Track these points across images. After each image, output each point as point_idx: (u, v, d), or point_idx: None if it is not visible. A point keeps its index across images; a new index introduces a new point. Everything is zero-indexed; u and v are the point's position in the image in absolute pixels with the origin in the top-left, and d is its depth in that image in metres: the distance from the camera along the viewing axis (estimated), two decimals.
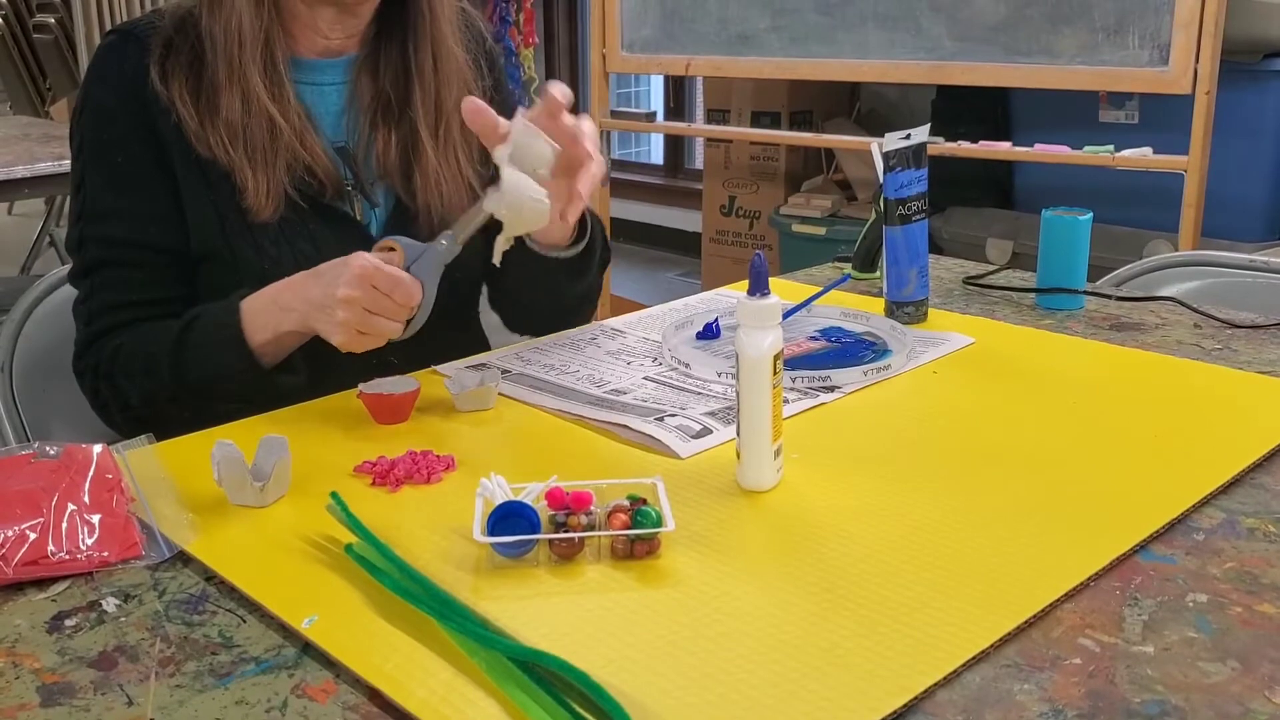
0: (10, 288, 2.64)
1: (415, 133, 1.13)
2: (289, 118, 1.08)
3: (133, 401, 1.07)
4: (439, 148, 1.14)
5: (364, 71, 1.15)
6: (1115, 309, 1.27)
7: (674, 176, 5.06)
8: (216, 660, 0.62)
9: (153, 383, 1.05)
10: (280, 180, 1.08)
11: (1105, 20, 2.41)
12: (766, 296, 0.80)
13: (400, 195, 1.15)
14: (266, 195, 1.07)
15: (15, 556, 0.70)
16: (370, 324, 0.94)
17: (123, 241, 1.09)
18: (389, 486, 0.83)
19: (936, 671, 0.59)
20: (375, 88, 1.15)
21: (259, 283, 1.04)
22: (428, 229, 1.12)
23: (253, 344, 1.01)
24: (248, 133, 1.07)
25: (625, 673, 0.59)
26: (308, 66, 1.14)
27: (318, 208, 1.11)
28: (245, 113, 1.06)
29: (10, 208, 5.81)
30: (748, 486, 0.81)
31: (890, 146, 1.18)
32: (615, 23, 3.11)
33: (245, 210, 1.07)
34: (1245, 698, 0.58)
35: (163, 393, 1.05)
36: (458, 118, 1.13)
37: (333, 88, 1.15)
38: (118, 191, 1.09)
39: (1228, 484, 0.81)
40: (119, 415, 1.09)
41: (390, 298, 0.94)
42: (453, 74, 1.16)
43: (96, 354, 1.09)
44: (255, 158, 1.07)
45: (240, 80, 1.07)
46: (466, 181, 1.16)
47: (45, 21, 5.17)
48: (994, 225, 3.17)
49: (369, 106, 1.14)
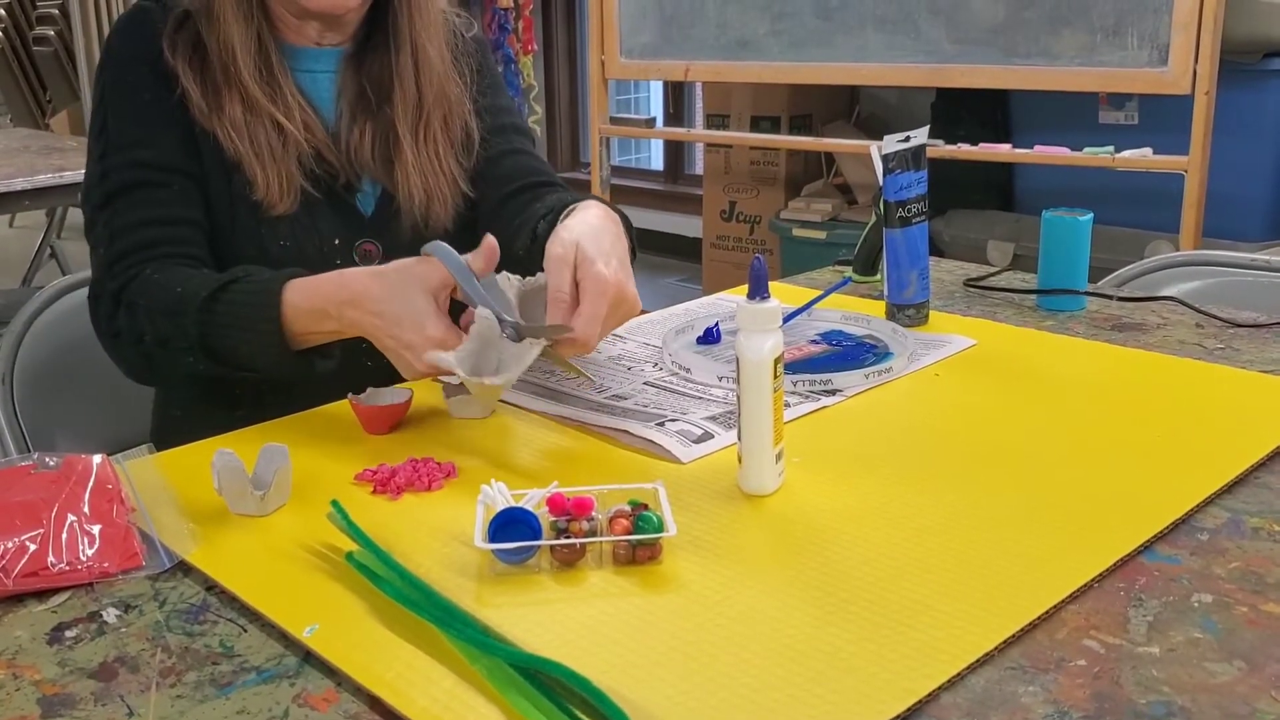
0: (11, 300, 2.64)
1: (393, 129, 1.17)
2: (292, 116, 1.12)
3: (149, 338, 1.04)
4: (417, 144, 1.18)
5: (349, 65, 1.19)
6: (1117, 309, 1.26)
7: (674, 182, 5.06)
8: (218, 670, 0.62)
9: (174, 327, 1.02)
10: (294, 174, 1.11)
11: (1104, 21, 2.41)
12: (766, 300, 0.80)
13: (384, 184, 1.19)
14: (280, 190, 1.10)
15: (15, 568, 0.70)
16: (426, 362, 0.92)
17: (149, 164, 1.10)
18: (390, 494, 0.83)
19: (941, 675, 0.59)
20: (357, 84, 1.19)
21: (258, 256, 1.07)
22: (410, 218, 1.17)
23: (290, 332, 0.99)
24: (252, 131, 1.10)
25: (628, 679, 0.59)
26: (302, 54, 1.18)
27: (329, 194, 1.15)
28: (248, 114, 1.10)
29: (12, 220, 5.82)
30: (749, 491, 0.81)
31: (889, 149, 1.18)
32: (614, 29, 3.11)
33: (256, 203, 1.10)
34: (1251, 698, 0.57)
35: (182, 342, 1.02)
36: (439, 114, 1.19)
37: (325, 75, 1.19)
38: (142, 123, 1.11)
39: (1232, 484, 0.81)
40: (130, 348, 1.06)
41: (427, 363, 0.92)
42: (435, 73, 1.19)
43: (120, 276, 1.06)
44: (263, 155, 1.10)
45: (239, 87, 1.11)
46: (449, 175, 1.20)
47: (45, 34, 5.19)
48: (995, 227, 3.17)
49: (353, 100, 1.18)
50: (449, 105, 1.21)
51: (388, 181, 1.18)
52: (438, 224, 1.19)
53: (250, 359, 1.01)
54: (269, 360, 1.00)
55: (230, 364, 1.02)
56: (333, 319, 0.97)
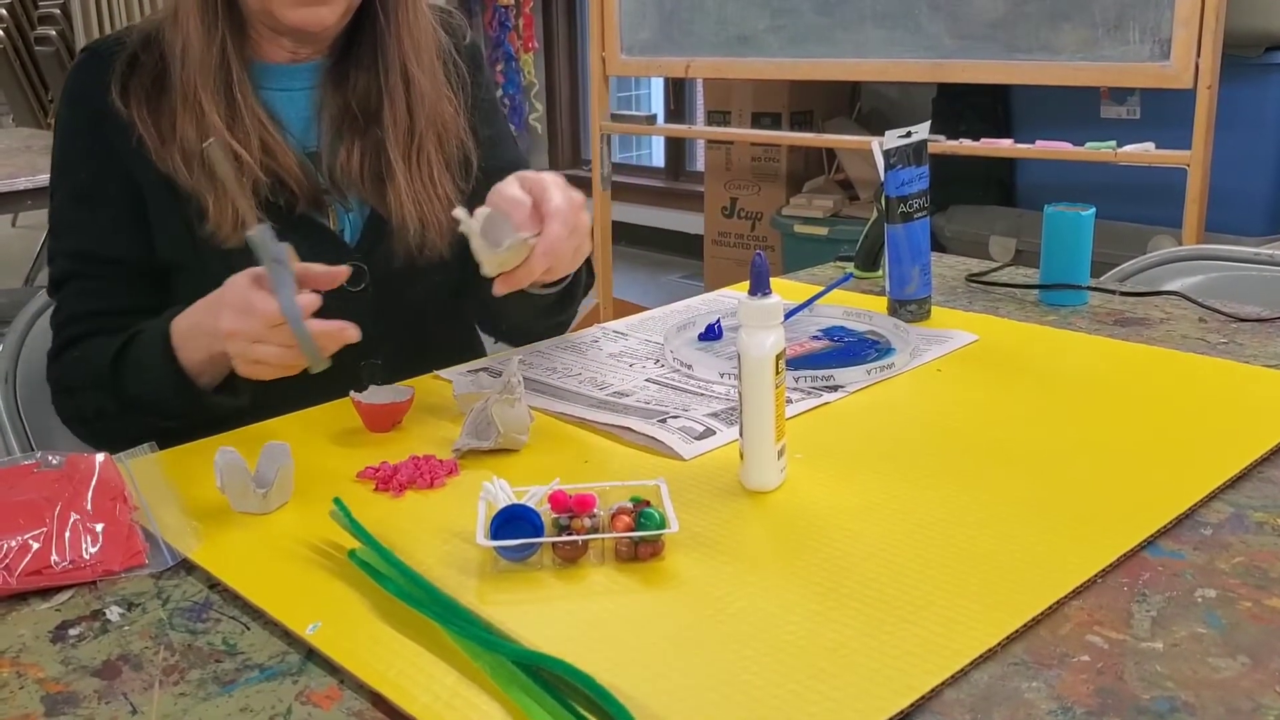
0: (13, 299, 2.64)
1: (384, 151, 1.11)
2: (249, 143, 1.06)
3: (87, 414, 1.07)
4: (410, 168, 1.11)
5: (331, 80, 1.13)
6: (1119, 304, 1.26)
7: (675, 179, 5.06)
8: (220, 668, 0.62)
9: (102, 396, 1.04)
10: (247, 202, 1.03)
11: (1105, 16, 2.41)
12: (768, 296, 0.79)
13: (375, 207, 1.13)
14: (231, 222, 1.04)
15: (19, 566, 0.70)
16: (256, 354, 0.90)
17: (84, 255, 1.09)
18: (392, 492, 0.83)
19: (943, 670, 0.59)
20: (341, 101, 1.12)
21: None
22: (402, 244, 1.11)
23: (187, 364, 0.98)
24: (205, 159, 1.04)
25: (630, 675, 0.59)
26: (275, 72, 1.12)
27: (289, 219, 1.08)
28: (200, 140, 1.04)
29: (14, 220, 5.82)
30: (751, 487, 0.81)
31: (891, 144, 1.17)
32: (614, 26, 3.11)
33: (212, 233, 1.05)
34: (1256, 693, 0.57)
35: (110, 405, 1.04)
36: (431, 136, 1.13)
37: (301, 93, 1.13)
38: (80, 206, 1.09)
39: (1235, 478, 0.81)
40: (81, 428, 1.09)
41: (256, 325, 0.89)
42: (426, 95, 1.13)
43: (60, 367, 1.09)
44: (216, 183, 1.04)
45: (195, 107, 1.05)
46: (445, 197, 1.13)
47: (47, 34, 5.18)
48: (996, 223, 3.16)
49: (337, 118, 1.12)
50: (443, 125, 1.14)
51: (379, 204, 1.11)
52: (433, 251, 1.12)
53: (152, 391, 1.00)
54: (179, 396, 0.99)
55: (152, 411, 1.01)
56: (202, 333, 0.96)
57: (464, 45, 1.23)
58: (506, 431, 0.88)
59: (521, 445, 0.89)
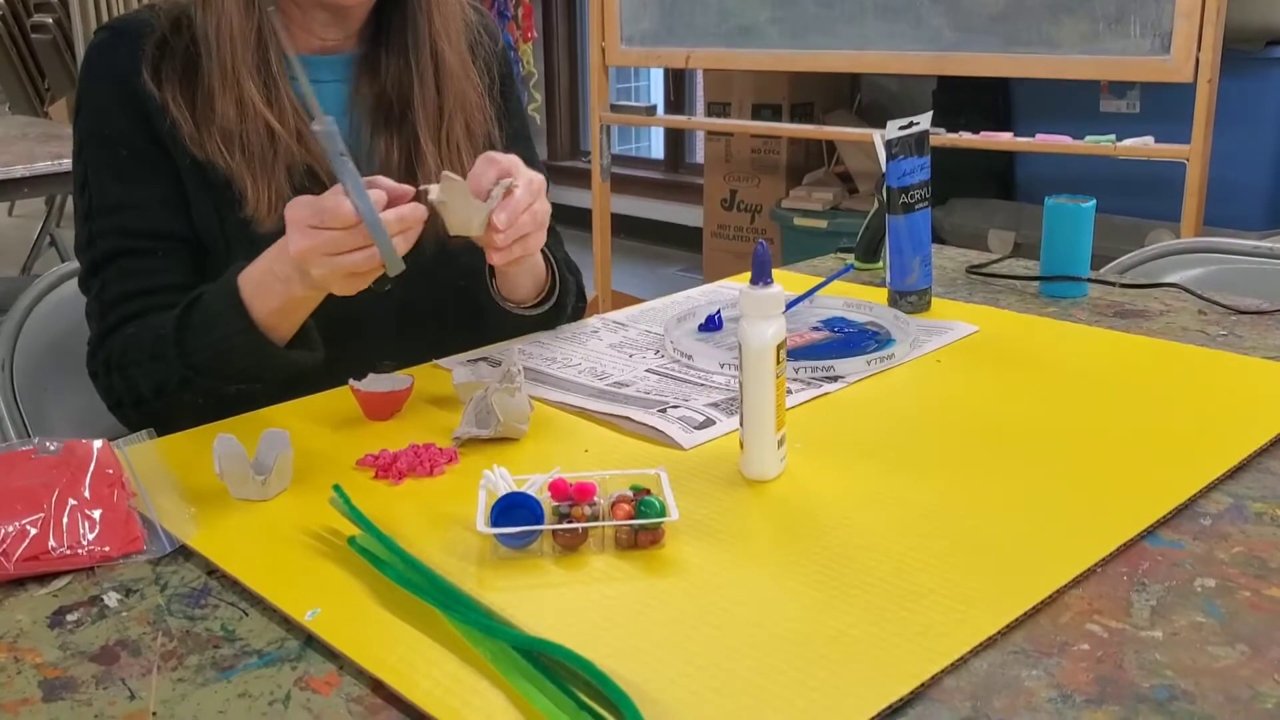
0: (11, 287, 2.63)
1: (416, 136, 1.11)
2: (286, 121, 1.06)
3: (145, 393, 1.04)
4: (440, 151, 1.12)
5: (364, 72, 1.13)
6: (1119, 296, 1.26)
7: (675, 171, 5.05)
8: (219, 654, 0.62)
9: (162, 367, 1.02)
10: (282, 186, 1.05)
11: (1106, 9, 2.40)
12: (769, 285, 0.79)
13: None
14: (269, 205, 1.04)
15: (16, 552, 0.70)
16: (340, 265, 0.89)
17: (135, 231, 1.07)
18: (391, 479, 0.83)
19: (944, 658, 0.59)
20: (378, 89, 1.13)
21: None
22: (431, 231, 1.08)
23: (258, 315, 0.98)
24: (245, 140, 1.04)
25: (630, 662, 0.59)
26: (305, 64, 1.10)
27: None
28: (241, 119, 1.04)
29: (11, 208, 5.81)
30: (751, 476, 0.81)
31: (892, 134, 1.17)
32: (614, 16, 3.10)
33: (247, 220, 1.05)
34: (1254, 681, 0.57)
35: (173, 377, 1.01)
36: (460, 119, 1.13)
37: (332, 85, 1.13)
38: (124, 183, 1.08)
39: (1234, 469, 0.81)
40: (133, 410, 1.06)
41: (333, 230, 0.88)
42: (454, 76, 1.13)
43: (109, 348, 1.06)
44: (254, 165, 1.04)
45: (234, 85, 1.04)
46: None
47: (43, 21, 5.17)
48: (996, 216, 3.16)
49: (372, 109, 1.12)
50: (469, 109, 1.14)
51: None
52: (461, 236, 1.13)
53: (232, 358, 0.99)
54: (252, 353, 0.98)
55: (221, 374, 1.00)
56: (277, 279, 0.96)
57: (492, 35, 1.22)
58: (507, 421, 0.88)
59: (522, 435, 0.89)
